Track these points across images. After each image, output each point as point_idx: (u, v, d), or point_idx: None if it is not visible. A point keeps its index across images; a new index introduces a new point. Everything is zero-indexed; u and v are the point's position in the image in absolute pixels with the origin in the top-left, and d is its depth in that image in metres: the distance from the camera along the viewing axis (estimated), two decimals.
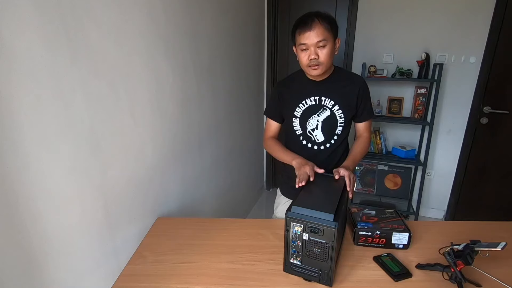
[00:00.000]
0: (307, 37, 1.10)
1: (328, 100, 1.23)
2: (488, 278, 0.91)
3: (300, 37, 1.12)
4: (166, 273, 0.96)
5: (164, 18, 1.25)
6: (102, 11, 0.92)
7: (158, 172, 1.28)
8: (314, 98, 1.24)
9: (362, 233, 1.06)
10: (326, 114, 1.25)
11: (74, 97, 0.84)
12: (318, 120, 1.26)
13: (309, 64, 1.14)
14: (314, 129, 1.27)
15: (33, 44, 0.71)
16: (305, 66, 1.17)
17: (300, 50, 1.14)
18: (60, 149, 0.81)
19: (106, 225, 0.99)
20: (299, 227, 0.88)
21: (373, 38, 2.54)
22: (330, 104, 1.23)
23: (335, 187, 1.02)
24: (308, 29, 1.09)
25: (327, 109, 1.24)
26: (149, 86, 1.19)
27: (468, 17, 2.27)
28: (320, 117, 1.25)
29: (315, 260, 0.88)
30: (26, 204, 0.72)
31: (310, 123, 1.26)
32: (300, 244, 0.89)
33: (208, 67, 1.69)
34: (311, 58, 1.12)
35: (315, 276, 0.90)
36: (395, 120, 2.54)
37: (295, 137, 1.30)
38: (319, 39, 1.10)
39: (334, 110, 1.24)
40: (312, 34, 1.09)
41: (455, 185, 2.66)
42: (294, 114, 1.26)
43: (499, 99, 2.33)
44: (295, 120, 1.27)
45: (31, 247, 0.74)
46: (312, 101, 1.24)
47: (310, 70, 1.16)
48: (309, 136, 1.28)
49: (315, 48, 1.11)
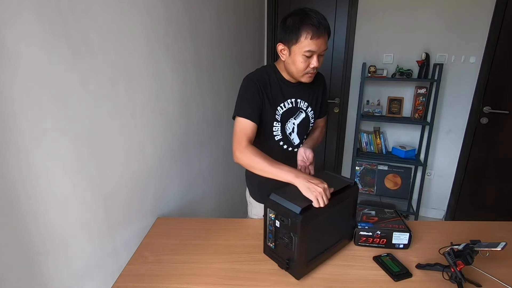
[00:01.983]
0: (319, 45, 1.00)
1: (303, 102, 1.19)
2: (488, 278, 0.91)
3: (309, 42, 0.99)
4: (166, 273, 0.96)
5: (164, 18, 1.25)
6: (102, 11, 0.92)
7: (158, 172, 1.28)
8: (291, 100, 1.17)
9: (363, 233, 1.06)
10: (302, 117, 1.20)
11: (74, 97, 0.84)
12: (295, 124, 1.20)
13: (308, 71, 1.06)
14: (291, 132, 1.21)
15: (33, 44, 0.71)
16: (301, 73, 1.06)
17: (303, 55, 1.02)
18: (60, 149, 0.81)
19: (106, 225, 0.99)
20: (273, 214, 0.93)
21: (373, 38, 2.54)
22: (305, 105, 1.20)
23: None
24: (322, 36, 0.99)
25: (303, 111, 1.20)
26: (149, 86, 1.19)
27: (468, 17, 2.28)
28: (296, 120, 1.20)
29: (285, 249, 0.93)
30: (26, 204, 0.72)
31: (287, 127, 1.19)
32: (273, 230, 0.95)
33: (208, 67, 1.69)
34: (314, 67, 1.04)
35: (285, 265, 0.93)
36: (395, 120, 2.54)
37: (274, 141, 1.19)
38: (326, 47, 1.03)
39: (308, 111, 1.21)
40: (323, 42, 1.00)
41: (455, 185, 2.66)
42: (275, 118, 1.15)
43: (499, 99, 2.34)
44: (276, 124, 1.16)
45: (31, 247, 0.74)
46: (289, 104, 1.17)
47: (305, 77, 1.08)
48: (288, 140, 1.22)
49: (318, 56, 1.03)
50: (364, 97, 2.61)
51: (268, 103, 1.12)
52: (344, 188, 1.00)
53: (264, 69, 1.17)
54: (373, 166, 2.74)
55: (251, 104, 1.09)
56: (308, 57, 1.03)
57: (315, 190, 0.89)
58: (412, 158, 2.60)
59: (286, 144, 1.22)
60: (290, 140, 1.22)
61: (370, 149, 2.74)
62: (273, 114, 1.14)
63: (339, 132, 2.91)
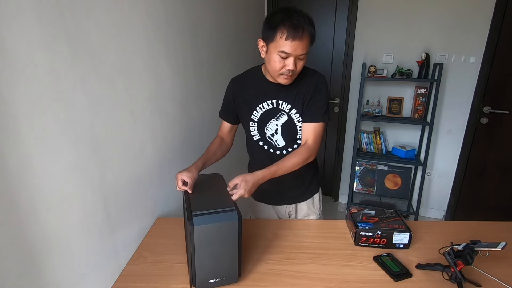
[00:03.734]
0: (294, 47, 0.96)
1: (285, 104, 1.14)
2: (488, 278, 0.91)
3: (285, 42, 0.95)
4: (166, 273, 0.96)
5: (164, 18, 1.25)
6: (102, 11, 0.92)
7: (158, 172, 1.28)
8: (272, 101, 1.14)
9: (363, 234, 1.06)
10: (284, 119, 1.16)
11: (74, 97, 0.84)
12: (277, 125, 1.17)
13: (283, 73, 1.02)
14: (274, 133, 1.18)
15: (33, 44, 0.71)
16: (276, 73, 1.03)
17: (277, 55, 0.99)
18: (60, 149, 0.81)
19: (106, 225, 0.99)
20: None
21: (373, 38, 2.54)
22: (287, 108, 1.14)
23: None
24: (298, 37, 0.94)
25: (284, 114, 1.15)
26: (149, 86, 1.19)
27: (468, 17, 2.28)
28: (279, 122, 1.17)
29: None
30: (26, 204, 0.72)
31: (269, 128, 1.18)
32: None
33: (208, 67, 1.69)
34: (288, 69, 1.00)
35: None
36: (395, 120, 2.54)
37: (254, 141, 1.22)
38: (304, 51, 0.98)
39: (291, 114, 1.15)
40: (300, 44, 0.96)
41: (455, 185, 2.66)
42: (252, 118, 1.17)
43: (499, 99, 2.34)
44: (252, 124, 1.18)
45: (31, 247, 0.74)
46: (269, 105, 1.15)
47: (281, 78, 1.04)
48: (269, 141, 1.20)
49: (295, 59, 0.99)
50: (364, 97, 2.61)
51: (244, 103, 1.18)
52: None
53: (250, 70, 1.22)
54: (373, 166, 2.74)
55: (225, 106, 1.25)
56: (284, 58, 0.99)
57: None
58: (412, 158, 2.60)
59: (267, 145, 1.21)
60: (273, 141, 1.20)
61: (370, 149, 2.74)
62: (249, 114, 1.18)
63: (339, 132, 2.91)
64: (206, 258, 0.85)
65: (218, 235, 0.84)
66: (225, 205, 0.87)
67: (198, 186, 1.02)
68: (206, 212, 0.83)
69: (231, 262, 0.88)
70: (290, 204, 1.36)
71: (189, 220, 0.81)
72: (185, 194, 0.99)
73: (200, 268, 0.85)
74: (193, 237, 0.81)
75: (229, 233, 0.85)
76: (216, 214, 0.84)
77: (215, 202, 0.90)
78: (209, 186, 1.04)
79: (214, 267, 0.87)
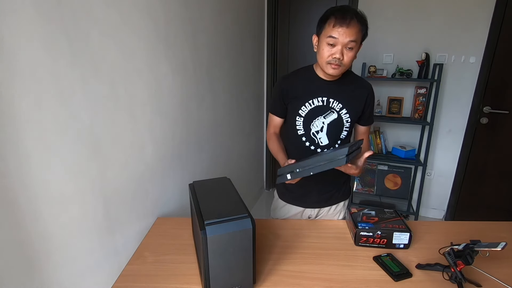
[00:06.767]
0: (342, 33, 1.02)
1: (336, 103, 1.18)
2: (488, 278, 0.91)
3: (332, 29, 1.02)
4: (166, 273, 0.96)
5: (164, 18, 1.25)
6: (102, 11, 0.92)
7: (158, 172, 1.28)
8: (322, 98, 1.18)
9: (363, 234, 1.06)
10: (333, 117, 1.19)
11: (74, 97, 0.84)
12: (324, 123, 1.20)
13: (330, 61, 1.07)
14: (319, 131, 1.21)
15: (33, 44, 0.71)
16: (324, 61, 1.08)
17: (326, 43, 1.05)
18: (60, 149, 0.81)
19: (106, 225, 0.99)
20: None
21: (373, 38, 2.53)
22: (338, 107, 1.18)
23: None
24: (345, 24, 1.01)
25: (334, 112, 1.18)
26: (149, 86, 1.19)
27: (468, 17, 2.27)
28: (326, 119, 1.19)
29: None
30: (26, 204, 0.72)
31: (315, 125, 1.20)
32: None
33: (208, 67, 1.69)
34: (335, 57, 1.05)
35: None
36: (395, 120, 2.54)
37: (297, 136, 1.23)
38: (351, 38, 1.02)
39: (341, 113, 1.19)
40: (347, 31, 1.01)
41: (455, 185, 2.66)
42: (299, 113, 1.20)
43: (499, 99, 2.34)
44: (298, 119, 1.21)
45: (31, 247, 0.74)
46: (319, 102, 1.18)
47: (329, 67, 1.09)
48: (313, 138, 1.22)
49: (343, 47, 1.04)
50: None
51: (294, 98, 1.21)
52: None
53: (301, 68, 1.25)
54: (373, 166, 2.74)
55: (275, 101, 1.27)
56: (331, 46, 1.05)
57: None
58: (412, 158, 2.59)
59: (309, 142, 1.23)
60: (317, 138, 1.22)
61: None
62: (298, 108, 1.20)
63: None
64: (220, 267, 0.81)
65: (232, 243, 0.80)
66: (238, 212, 0.83)
67: (206, 191, 0.98)
68: (218, 221, 0.79)
69: (246, 269, 0.85)
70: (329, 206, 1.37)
71: (202, 229, 0.77)
72: (192, 197, 0.95)
73: (214, 278, 0.81)
74: (206, 248, 0.78)
75: (243, 240, 0.81)
76: (229, 222, 0.80)
77: (226, 209, 0.86)
78: (218, 190, 1.00)
79: (229, 276, 0.83)
